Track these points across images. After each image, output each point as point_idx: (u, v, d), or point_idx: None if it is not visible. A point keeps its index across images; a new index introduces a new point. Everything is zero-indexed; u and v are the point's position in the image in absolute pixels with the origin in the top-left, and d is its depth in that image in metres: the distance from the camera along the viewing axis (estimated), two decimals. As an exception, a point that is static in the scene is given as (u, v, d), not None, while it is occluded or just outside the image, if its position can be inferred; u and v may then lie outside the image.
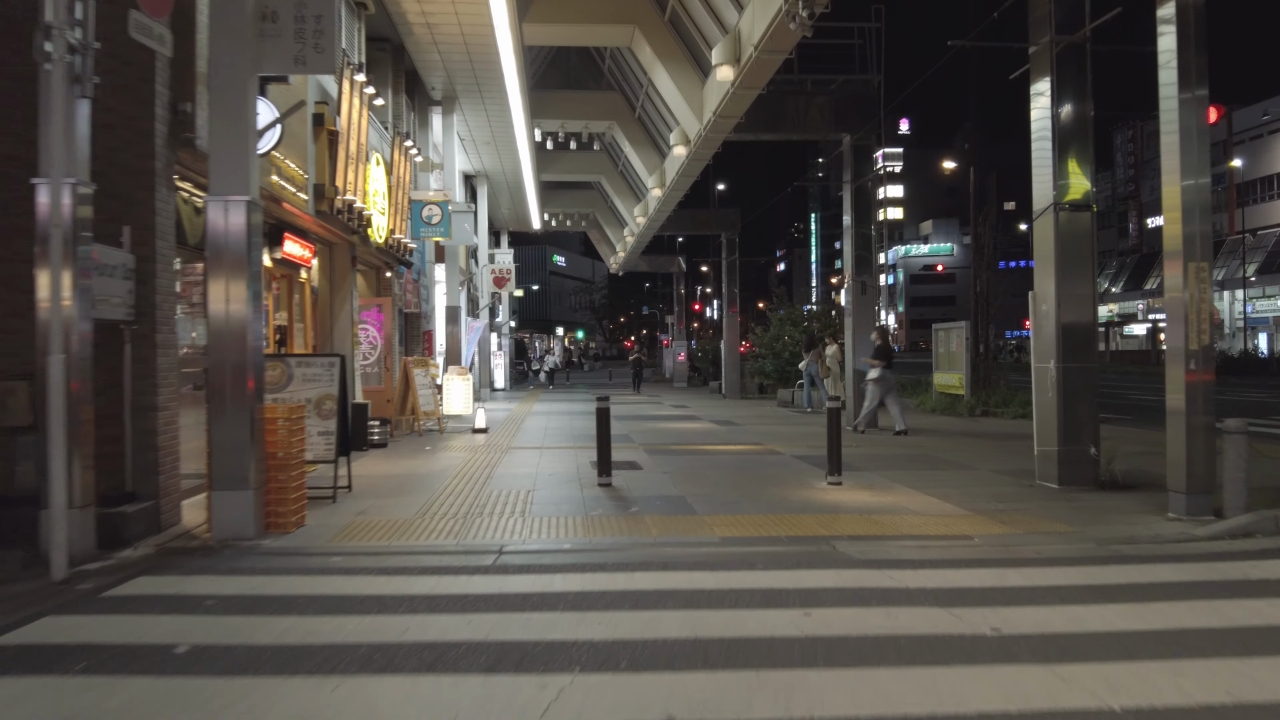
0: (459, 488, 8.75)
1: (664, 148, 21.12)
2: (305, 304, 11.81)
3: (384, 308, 14.12)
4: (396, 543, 6.35)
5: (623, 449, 11.96)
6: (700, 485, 8.90)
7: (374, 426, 12.31)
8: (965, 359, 19.02)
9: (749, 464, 10.60)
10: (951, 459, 11.08)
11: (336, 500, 8.01)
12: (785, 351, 25.15)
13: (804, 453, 11.72)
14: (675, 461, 10.77)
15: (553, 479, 9.33)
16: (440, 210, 15.61)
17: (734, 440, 13.46)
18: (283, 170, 9.14)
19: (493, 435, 14.27)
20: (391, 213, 13.62)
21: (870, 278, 15.76)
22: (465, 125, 20.52)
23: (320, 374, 8.24)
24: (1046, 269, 9.16)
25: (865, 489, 8.71)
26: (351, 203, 10.87)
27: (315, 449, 8.12)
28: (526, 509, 7.55)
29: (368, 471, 10.01)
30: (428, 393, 14.48)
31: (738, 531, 6.65)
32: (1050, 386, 9.06)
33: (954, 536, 6.59)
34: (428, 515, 7.31)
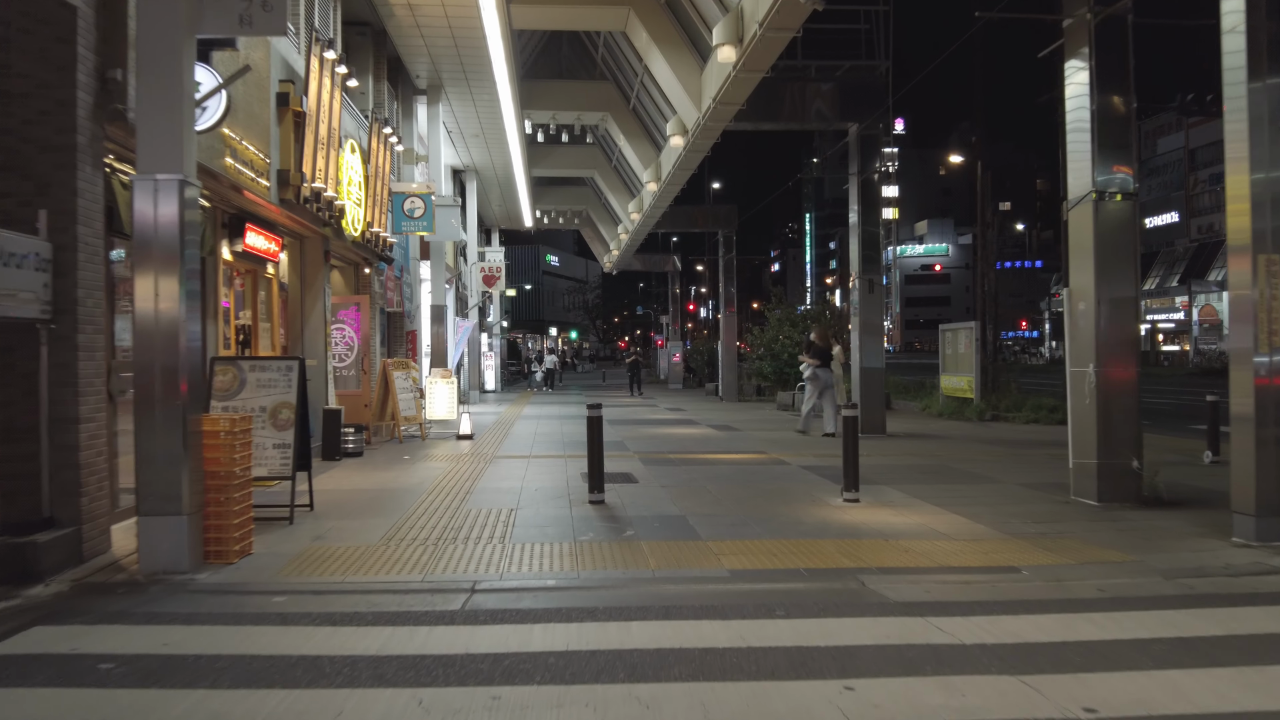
0: (434, 505, 7.86)
1: (660, 140, 20.23)
2: (273, 302, 10.90)
3: (362, 306, 13.21)
4: (352, 578, 5.45)
5: (617, 458, 11.08)
6: (702, 502, 8.02)
7: (349, 434, 11.41)
8: (975, 361, 18.19)
9: (754, 476, 9.73)
10: (971, 470, 10.23)
11: (294, 522, 7.11)
12: (784, 353, 24.28)
13: (812, 462, 10.85)
14: (674, 473, 9.90)
15: (539, 494, 8.44)
16: (423, 203, 14.71)
17: (735, 448, 12.58)
18: (239, 152, 8.24)
19: (478, 442, 13.37)
20: (369, 204, 12.71)
21: (877, 275, 14.90)
22: (452, 116, 19.62)
23: (277, 379, 7.34)
24: (1084, 264, 8.31)
25: (885, 507, 7.85)
26: (320, 191, 9.97)
27: (270, 464, 7.22)
28: (507, 533, 6.66)
29: (336, 486, 9.10)
30: (409, 397, 13.58)
31: (749, 562, 5.77)
32: (1088, 393, 8.21)
33: (998, 568, 5.72)
34: (394, 541, 6.42)
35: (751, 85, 12.51)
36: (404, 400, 13.40)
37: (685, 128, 15.50)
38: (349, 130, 12.15)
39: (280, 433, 7.26)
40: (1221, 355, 51.33)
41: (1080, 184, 8.38)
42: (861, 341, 14.68)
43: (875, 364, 14.72)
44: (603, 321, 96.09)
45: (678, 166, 17.72)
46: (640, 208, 23.91)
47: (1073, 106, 8.59)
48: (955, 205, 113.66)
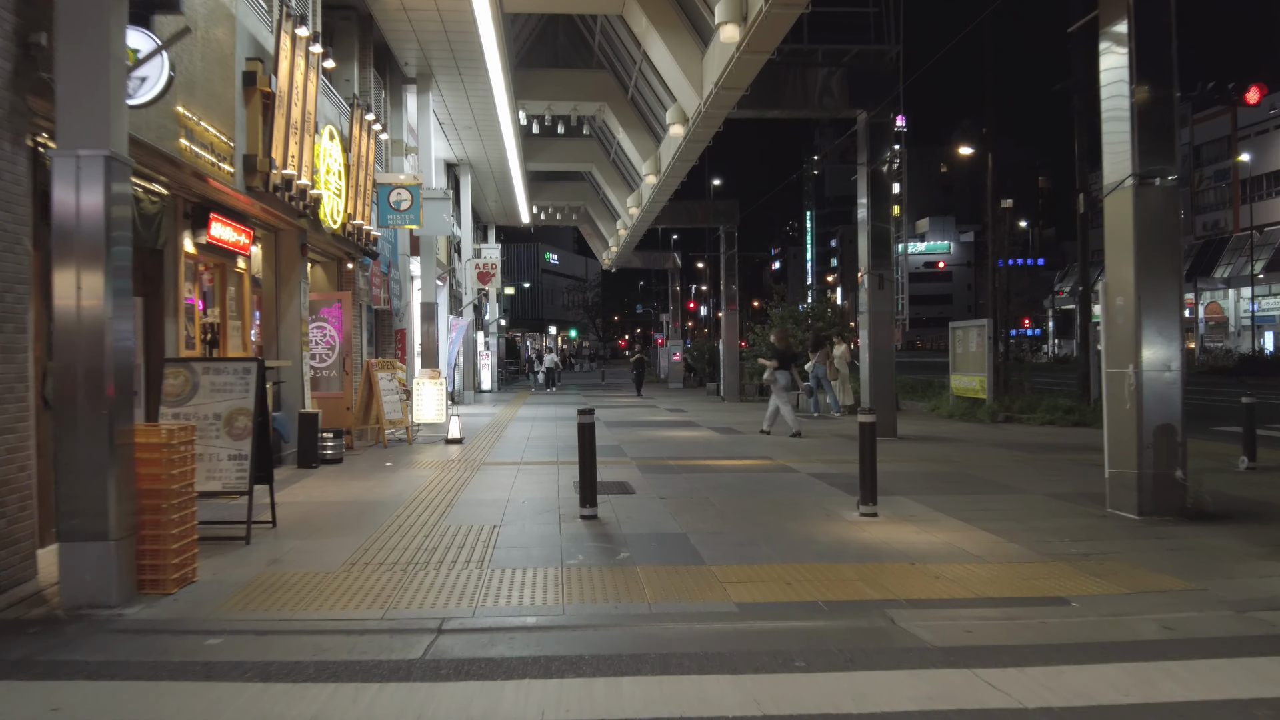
0: (411, 521, 7.14)
1: (659, 131, 19.50)
2: (244, 298, 10.17)
3: (344, 303, 12.49)
4: (303, 613, 4.73)
5: (612, 465, 10.37)
6: (705, 517, 7.30)
7: (327, 439, 10.70)
8: (987, 360, 17.46)
9: (760, 485, 9.00)
10: (993, 479, 9.51)
11: (250, 542, 6.39)
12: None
13: (821, 469, 10.14)
14: (673, 483, 9.18)
15: (527, 508, 7.72)
16: (410, 195, 13.98)
17: (738, 453, 11.86)
18: (197, 134, 7.51)
19: (467, 447, 12.66)
20: (351, 195, 11.99)
21: (887, 270, 14.18)
22: (444, 107, 18.90)
23: (233, 383, 6.61)
24: (1123, 255, 7.58)
25: (906, 522, 7.13)
26: (292, 179, 9.24)
27: (225, 477, 6.51)
28: (487, 555, 5.94)
29: (307, 497, 8.39)
30: (394, 399, 12.86)
31: (759, 592, 5.05)
32: (1128, 397, 7.49)
33: (1043, 599, 5.00)
34: (359, 565, 5.70)
35: (756, 68, 11.78)
36: (389, 403, 12.69)
37: (686, 116, 14.77)
38: (328, 116, 11.44)
39: (236, 442, 6.54)
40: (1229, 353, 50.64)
41: (1118, 168, 7.65)
42: (871, 339, 13.96)
43: (886, 363, 14.00)
44: (602, 320, 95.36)
45: (677, 158, 16.99)
46: (639, 202, 23.17)
47: (1109, 81, 7.84)
48: (956, 203, 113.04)
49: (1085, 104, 17.63)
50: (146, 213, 7.52)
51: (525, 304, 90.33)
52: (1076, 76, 17.44)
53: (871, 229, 14.11)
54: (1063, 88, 17.88)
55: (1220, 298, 62.19)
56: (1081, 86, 17.35)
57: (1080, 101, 17.55)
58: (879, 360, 13.95)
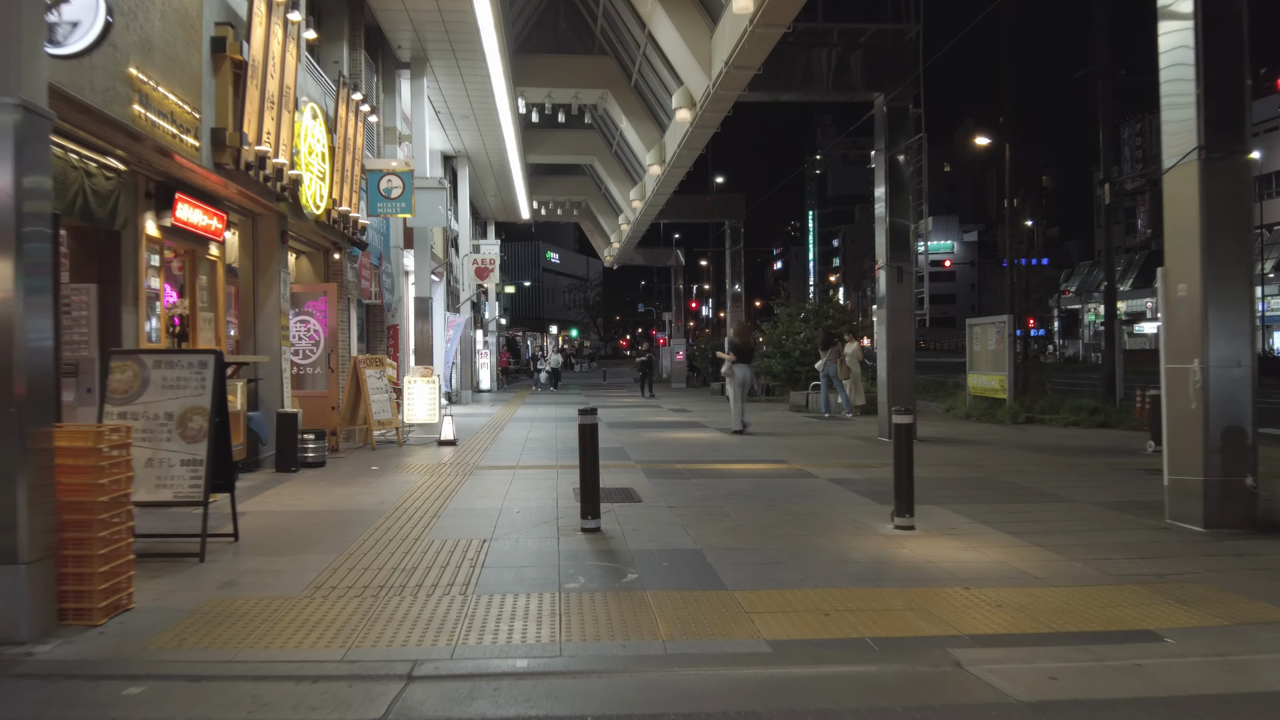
0: (390, 534, 6.35)
1: (664, 119, 18.72)
2: (217, 288, 9.40)
3: (329, 295, 11.70)
4: (249, 653, 3.95)
5: (616, 470, 9.58)
6: (720, 530, 6.51)
7: (308, 441, 9.92)
8: (1008, 359, 16.67)
9: (779, 493, 8.21)
10: (1030, 485, 8.72)
11: (205, 560, 5.60)
12: (795, 350, 22.79)
13: (842, 474, 9.35)
14: (683, 489, 8.39)
15: (522, 519, 6.93)
16: (402, 182, 13.21)
17: (751, 456, 11.07)
18: (154, 100, 6.73)
19: (461, 449, 11.87)
20: (337, 180, 11.22)
21: (907, 261, 13.39)
22: (440, 95, 18.13)
23: (187, 378, 5.83)
24: (1186, 238, 6.80)
25: (947, 536, 6.34)
26: (266, 156, 8.46)
27: (176, 484, 5.72)
28: (473, 577, 5.15)
29: (279, 506, 7.60)
30: (383, 398, 12.08)
31: (794, 626, 4.26)
32: (1193, 396, 6.70)
33: (1130, 634, 4.21)
34: (324, 589, 4.92)
35: (769, 44, 11.01)
36: (378, 402, 11.90)
37: (693, 99, 13.99)
38: (310, 94, 10.66)
39: (190, 445, 5.75)
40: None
41: (1181, 141, 6.87)
42: (890, 336, 13.17)
43: (905, 361, 13.22)
44: (603, 320, 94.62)
45: (684, 146, 16.21)
46: (642, 195, 22.39)
47: (1169, 46, 7.05)
48: (960, 202, 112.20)
49: (1110, 90, 16.87)
50: (101, 189, 6.74)
51: (526, 303, 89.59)
52: (1101, 61, 16.66)
53: (890, 219, 13.33)
54: (1087, 73, 17.10)
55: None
56: (1106, 72, 16.57)
57: (1105, 87, 16.77)
58: (898, 357, 13.16)
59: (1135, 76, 17.50)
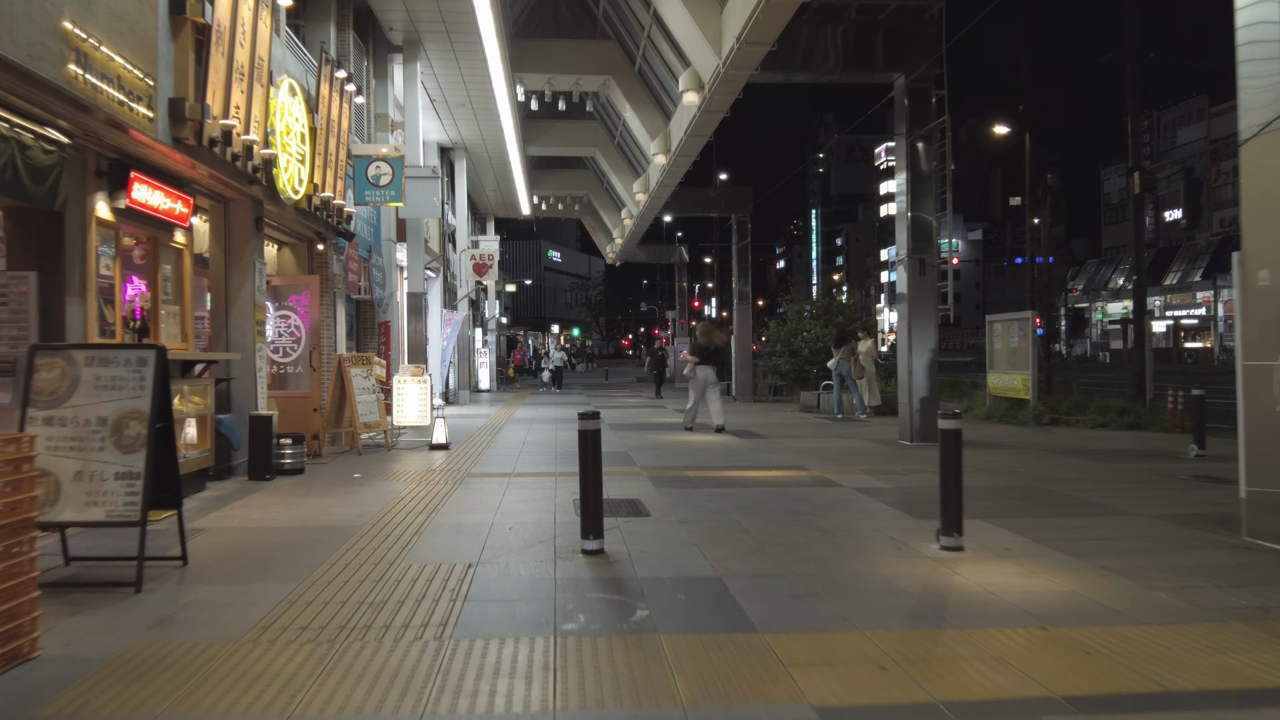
0: (363, 557, 5.54)
1: (669, 106, 17.89)
2: (184, 279, 8.58)
3: (311, 289, 10.88)
4: (167, 716, 3.14)
5: (620, 477, 8.77)
6: (741, 551, 5.68)
7: (285, 446, 9.11)
8: (1031, 357, 15.84)
9: (801, 504, 7.38)
10: (1075, 495, 7.89)
11: (142, 589, 4.79)
12: (805, 349, 21.96)
13: (867, 482, 8.52)
14: (694, 501, 7.56)
15: (515, 537, 6.11)
16: (391, 169, 12.39)
17: (765, 461, 10.25)
18: (95, 62, 5.92)
19: (454, 453, 11.05)
20: (318, 164, 10.40)
21: (930, 254, 12.56)
22: (435, 81, 17.32)
23: (123, 377, 5.02)
24: (1269, 217, 5.97)
25: (1001, 559, 5.51)
26: (233, 131, 7.64)
27: (110, 501, 4.90)
28: (452, 614, 4.33)
29: (243, 520, 6.79)
30: (370, 399, 11.26)
31: (845, 686, 3.43)
32: (1278, 396, 5.87)
33: (1265, 694, 3.39)
34: (274, 631, 4.10)
35: (786, 15, 10.19)
36: (364, 403, 11.08)
37: (701, 81, 13.16)
38: (288, 69, 9.84)
39: (126, 456, 4.93)
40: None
41: (1265, 101, 6.04)
42: (912, 333, 12.34)
43: (928, 360, 12.39)
44: (605, 319, 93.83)
45: (690, 132, 15.37)
46: (646, 187, 21.56)
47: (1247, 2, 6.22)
48: (963, 201, 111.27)
49: (1137, 75, 16.03)
50: (37, 164, 5.93)
51: (527, 302, 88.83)
52: (1129, 44, 15.82)
53: (911, 209, 12.50)
54: (1114, 57, 16.26)
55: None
56: (1134, 55, 15.74)
57: (1133, 72, 15.93)
58: (921, 355, 12.33)
59: (1164, 61, 16.67)
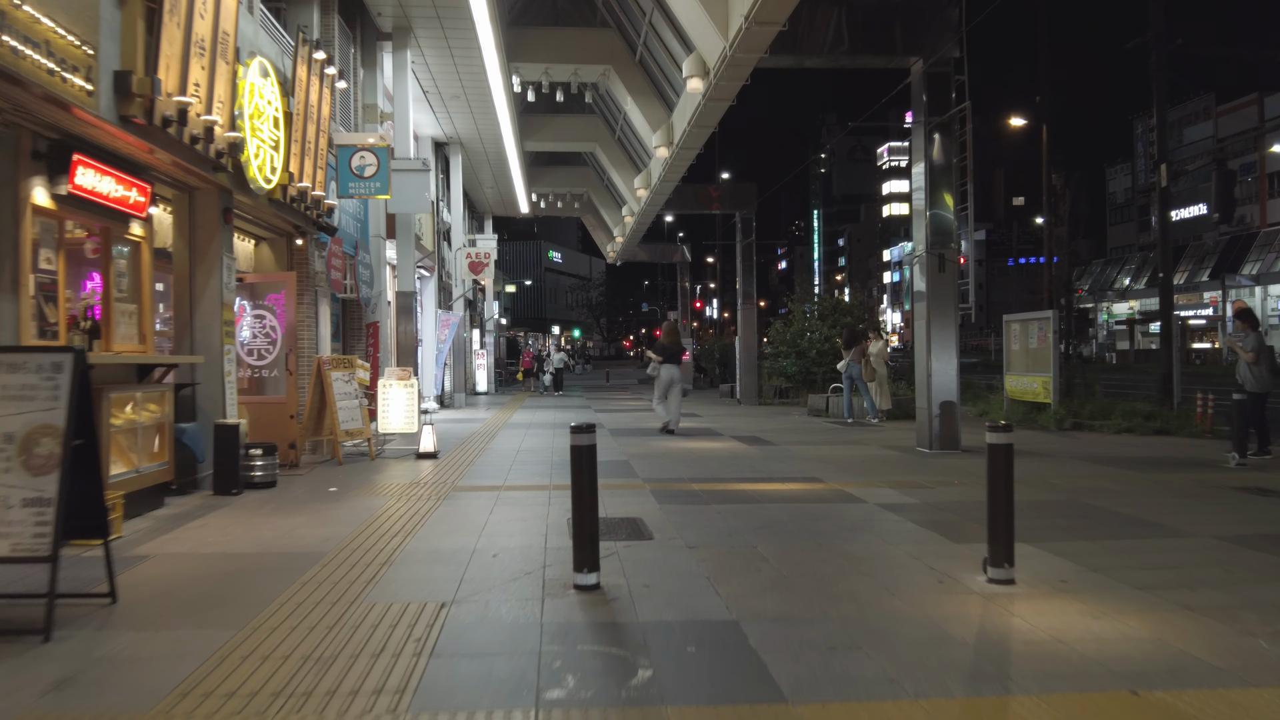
0: (320, 594, 4.78)
1: (671, 97, 17.14)
2: (141, 274, 7.83)
3: (288, 287, 10.13)
4: None
5: (619, 491, 8.01)
6: (760, 585, 4.91)
7: (254, 457, 8.36)
8: (1052, 359, 15.09)
9: (823, 525, 6.62)
10: (1123, 510, 7.14)
11: (52, 636, 4.03)
12: (812, 350, 21.21)
13: (892, 497, 7.77)
14: (703, 519, 6.80)
15: (498, 567, 5.35)
16: (376, 159, 11.65)
17: (777, 472, 9.49)
18: (19, 23, 5.15)
19: (443, 463, 10.30)
20: (295, 153, 9.65)
21: (950, 250, 11.80)
22: (427, 70, 16.58)
23: (34, 386, 4.26)
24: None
25: (1060, 593, 4.75)
26: (188, 109, 6.88)
27: (16, 532, 4.15)
28: (414, 678, 3.56)
29: (194, 545, 6.03)
30: (352, 404, 10.50)
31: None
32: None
33: None
34: (194, 698, 3.34)
35: (799, -9, 9.42)
36: (345, 409, 10.33)
37: (706, 67, 12.41)
38: (260, 47, 9.09)
39: (36, 478, 4.18)
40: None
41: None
42: (931, 333, 11.58)
43: (949, 359, 11.64)
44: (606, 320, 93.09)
45: (694, 123, 14.62)
46: (648, 182, 20.80)
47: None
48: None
49: (1164, 60, 15.27)
50: (-46, 142, 5.19)
51: (528, 303, 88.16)
52: (1155, 30, 15.06)
53: (930, 201, 11.74)
54: (1141, 43, 15.50)
55: (1246, 295, 59.98)
56: (1162, 41, 14.99)
57: (1159, 58, 15.17)
58: (941, 356, 11.58)
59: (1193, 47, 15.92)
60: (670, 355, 14.18)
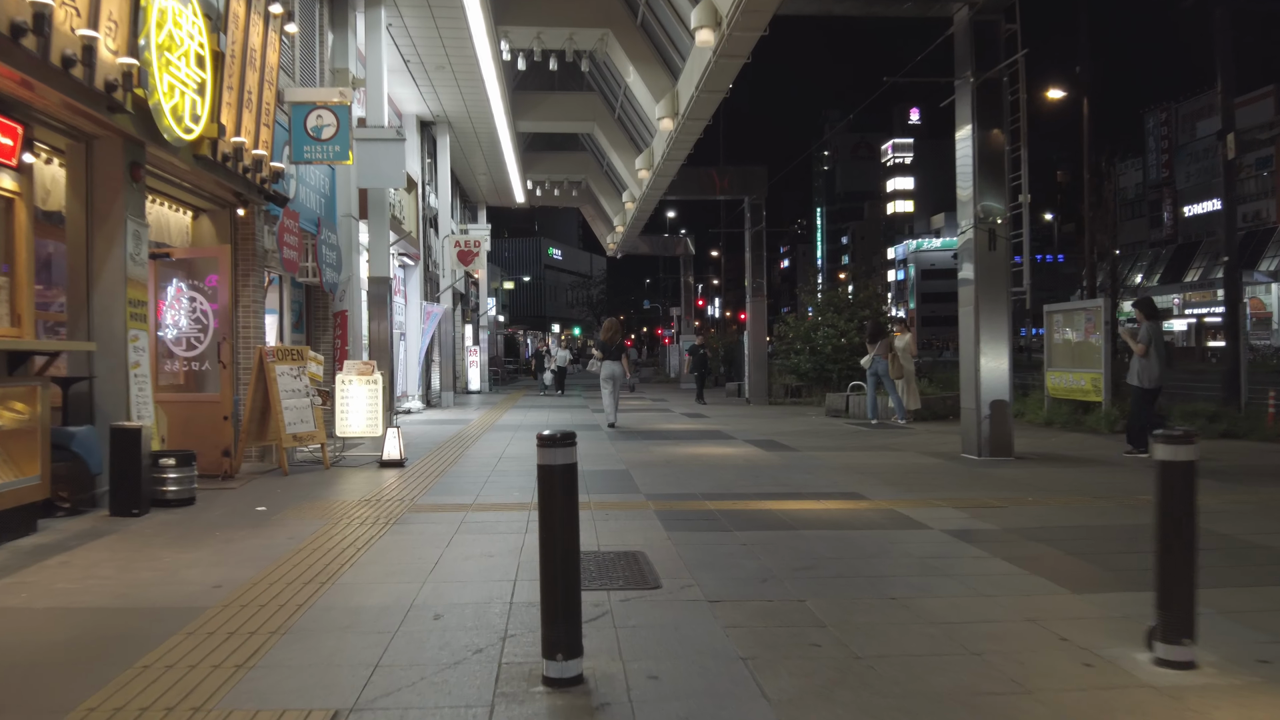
0: (157, 689, 3.17)
1: (677, 62, 15.51)
2: (15, 240, 6.21)
3: (221, 263, 8.50)
4: None
5: (617, 512, 6.40)
6: (821, 676, 3.29)
7: (167, 467, 6.76)
8: (1104, 353, 13.47)
9: (884, 562, 5.00)
10: (1257, 539, 5.54)
11: None
12: (826, 345, 19.60)
13: (959, 520, 6.16)
14: (725, 555, 5.17)
15: (436, 638, 3.73)
16: (336, 119, 10.05)
17: (808, 485, 7.86)
18: None
19: (407, 474, 8.70)
20: (229, 101, 8.04)
21: (1002, 224, 10.18)
22: (407, 37, 14.99)
23: None
24: None
25: (1270, 682, 3.14)
26: (47, 13, 5.26)
27: None
28: None
29: (27, 598, 4.41)
30: (302, 404, 8.89)
31: None
32: None
33: None
34: None
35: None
36: (293, 410, 8.71)
37: (718, 15, 10.78)
38: (180, -31, 7.46)
39: None
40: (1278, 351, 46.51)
41: None
42: (979, 320, 9.97)
43: (999, 356, 10.03)
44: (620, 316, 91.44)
45: (703, 87, 12.98)
46: (650, 162, 19.17)
47: None
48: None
49: (1228, 19, 13.66)
50: None
51: (527, 300, 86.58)
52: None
53: (978, 168, 10.13)
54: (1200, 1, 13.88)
55: (1262, 293, 58.39)
56: (1227, -2, 13.36)
57: (1224, 16, 13.55)
58: (992, 348, 9.97)
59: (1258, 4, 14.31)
60: (610, 352, 14.41)
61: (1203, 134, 66.97)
